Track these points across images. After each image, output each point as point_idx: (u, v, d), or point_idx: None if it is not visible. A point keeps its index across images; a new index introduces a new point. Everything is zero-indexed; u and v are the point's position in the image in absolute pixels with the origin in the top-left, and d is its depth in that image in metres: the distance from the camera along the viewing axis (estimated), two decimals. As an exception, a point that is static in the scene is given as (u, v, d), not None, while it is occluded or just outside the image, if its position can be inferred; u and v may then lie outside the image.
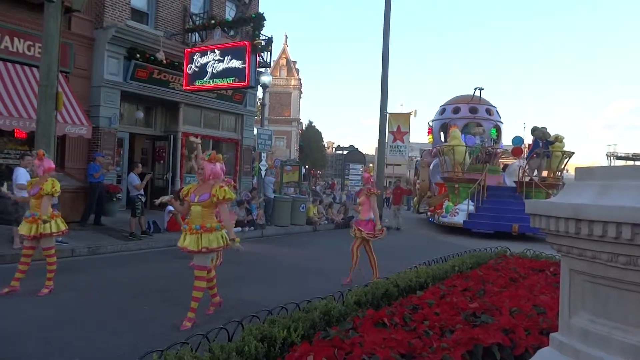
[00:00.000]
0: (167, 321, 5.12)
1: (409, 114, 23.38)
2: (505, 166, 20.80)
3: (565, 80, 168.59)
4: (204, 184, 5.31)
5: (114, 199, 12.79)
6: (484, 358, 2.93)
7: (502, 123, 20.57)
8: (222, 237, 5.24)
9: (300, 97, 55.96)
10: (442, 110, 20.54)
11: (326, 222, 16.30)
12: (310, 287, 6.86)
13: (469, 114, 19.47)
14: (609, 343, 1.73)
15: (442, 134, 20.57)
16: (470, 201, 16.17)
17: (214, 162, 5.35)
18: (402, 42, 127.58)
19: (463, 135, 18.80)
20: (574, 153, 17.37)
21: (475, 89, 19.75)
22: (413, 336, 3.13)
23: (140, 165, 11.95)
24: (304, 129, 54.82)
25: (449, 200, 17.42)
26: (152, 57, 13.57)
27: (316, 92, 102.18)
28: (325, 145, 57.05)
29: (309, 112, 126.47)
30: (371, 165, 7.24)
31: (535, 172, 17.31)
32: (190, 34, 15.46)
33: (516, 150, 18.98)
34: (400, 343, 2.92)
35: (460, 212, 16.21)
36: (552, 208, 1.88)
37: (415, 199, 22.29)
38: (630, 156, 43.79)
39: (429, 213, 19.62)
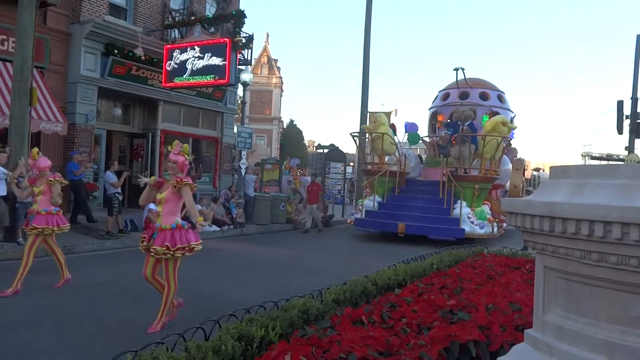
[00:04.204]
0: (144, 321, 5.05)
1: (390, 112, 23.41)
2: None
3: (543, 79, 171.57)
4: None
5: (91, 197, 12.59)
6: (460, 354, 2.96)
7: (507, 110, 17.15)
8: None
9: (281, 96, 55.79)
10: (435, 98, 18.42)
11: (304, 220, 16.28)
12: (290, 285, 6.84)
13: (457, 100, 16.90)
14: (581, 339, 1.75)
15: (432, 124, 17.90)
16: (376, 197, 14.24)
17: None
18: (384, 40, 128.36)
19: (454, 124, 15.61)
20: (509, 138, 14.53)
21: (456, 70, 16.31)
22: (391, 334, 3.14)
23: (116, 163, 11.79)
24: (285, 127, 54.70)
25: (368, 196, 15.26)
26: (131, 53, 13.38)
27: (297, 91, 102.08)
28: (306, 144, 57.01)
29: (290, 110, 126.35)
30: (186, 145, 4.91)
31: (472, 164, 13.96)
32: (169, 30, 15.27)
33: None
34: (378, 341, 2.92)
35: (363, 209, 14.32)
36: (527, 206, 1.90)
37: None
38: (605, 156, 44.74)
39: None
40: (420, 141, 17.91)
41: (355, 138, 15.79)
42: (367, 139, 15.79)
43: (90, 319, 5.09)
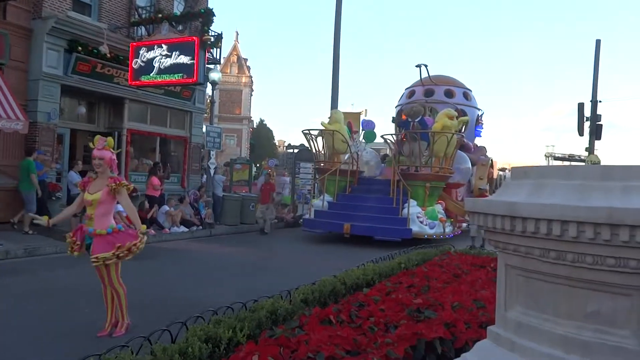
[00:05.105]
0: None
1: (359, 113, 23.60)
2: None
3: (508, 79, 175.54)
4: None
5: (54, 198, 12.23)
6: (427, 352, 3.01)
7: (473, 107, 16.98)
8: None
9: (251, 95, 55.49)
10: (401, 96, 18.12)
11: (276, 221, 16.23)
12: (258, 286, 6.80)
13: (422, 98, 16.52)
14: (540, 334, 1.81)
15: (398, 122, 16.86)
16: (326, 197, 13.83)
17: None
18: (356, 40, 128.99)
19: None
20: (460, 135, 13.97)
21: (419, 67, 15.80)
22: (358, 332, 3.17)
23: (80, 162, 11.49)
24: (255, 127, 54.38)
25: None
26: (95, 50, 13.05)
27: (268, 90, 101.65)
28: (277, 144, 56.80)
29: (260, 109, 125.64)
30: (110, 138, 4.84)
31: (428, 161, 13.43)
32: (136, 28, 14.95)
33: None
34: (346, 340, 2.94)
35: (312, 209, 13.96)
36: (489, 206, 1.95)
37: None
38: (567, 157, 46.20)
39: None
40: (382, 138, 17.85)
41: (306, 136, 15.24)
42: (317, 137, 15.16)
43: (53, 322, 4.95)
